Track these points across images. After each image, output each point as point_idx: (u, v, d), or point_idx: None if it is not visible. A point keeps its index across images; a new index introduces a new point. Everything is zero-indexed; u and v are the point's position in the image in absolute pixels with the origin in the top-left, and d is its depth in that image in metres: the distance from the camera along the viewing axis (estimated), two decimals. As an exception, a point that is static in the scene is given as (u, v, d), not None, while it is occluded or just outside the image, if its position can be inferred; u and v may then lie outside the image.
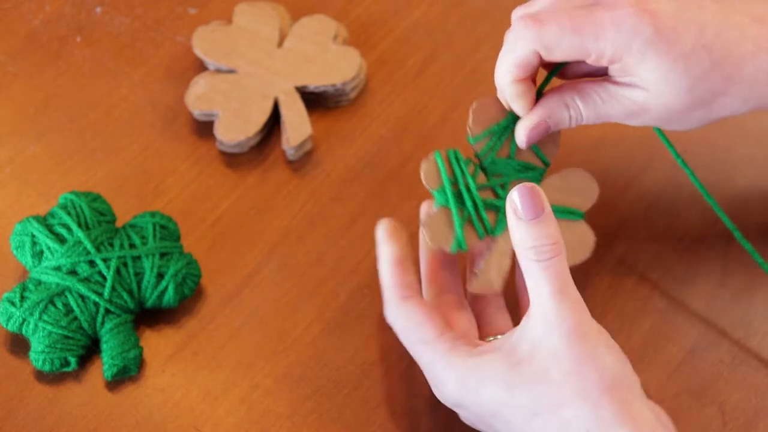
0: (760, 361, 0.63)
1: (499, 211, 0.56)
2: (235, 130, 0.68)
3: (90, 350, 0.62)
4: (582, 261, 0.58)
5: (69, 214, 0.63)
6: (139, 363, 0.62)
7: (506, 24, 0.76)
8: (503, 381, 0.51)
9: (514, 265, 0.59)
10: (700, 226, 0.68)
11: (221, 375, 0.62)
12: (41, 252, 0.62)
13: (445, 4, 0.77)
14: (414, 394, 0.62)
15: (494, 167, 0.56)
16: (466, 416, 0.56)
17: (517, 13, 0.57)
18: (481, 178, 0.56)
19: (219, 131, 0.68)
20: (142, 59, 0.74)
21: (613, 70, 0.55)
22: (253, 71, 0.71)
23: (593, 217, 0.61)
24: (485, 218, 0.56)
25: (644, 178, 0.70)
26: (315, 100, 0.72)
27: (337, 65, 0.71)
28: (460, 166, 0.56)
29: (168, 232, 0.64)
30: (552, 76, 0.58)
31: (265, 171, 0.70)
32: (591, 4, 0.54)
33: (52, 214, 0.63)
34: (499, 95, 0.58)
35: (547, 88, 0.58)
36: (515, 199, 0.52)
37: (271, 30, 0.72)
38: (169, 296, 0.62)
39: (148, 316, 0.64)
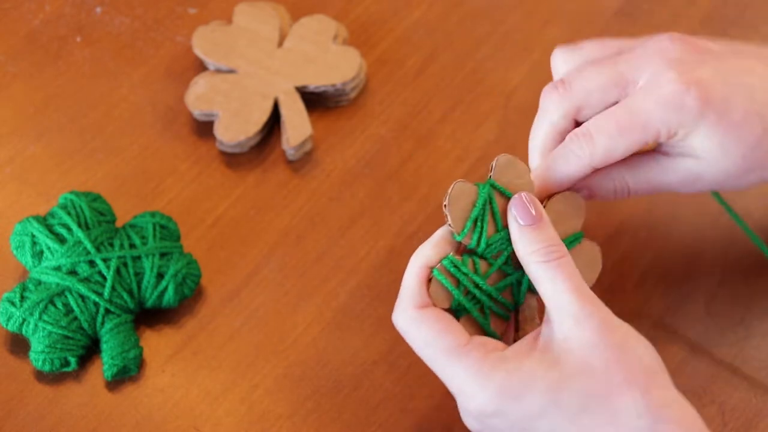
0: (760, 361, 0.63)
1: (513, 286, 0.55)
2: (235, 130, 0.68)
3: (90, 350, 0.62)
4: (597, 277, 0.57)
5: (69, 214, 0.63)
6: (139, 363, 0.62)
7: (506, 24, 0.76)
8: (547, 382, 0.50)
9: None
10: (700, 226, 0.68)
11: (221, 375, 0.62)
12: (41, 252, 0.62)
13: (445, 4, 0.77)
14: (414, 394, 0.62)
15: (491, 249, 0.54)
16: (498, 424, 0.52)
17: (550, 98, 0.57)
18: (484, 265, 0.54)
19: (219, 131, 0.68)
20: (142, 59, 0.74)
21: (666, 144, 0.55)
22: (253, 71, 0.71)
23: (593, 219, 0.61)
24: (505, 302, 0.55)
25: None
26: (315, 100, 0.72)
27: (337, 65, 0.71)
28: (461, 270, 0.53)
29: (168, 232, 0.64)
30: None
31: (265, 171, 0.70)
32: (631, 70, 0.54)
33: (52, 214, 0.63)
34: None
35: None
36: (514, 208, 0.53)
37: (271, 30, 0.72)
38: (169, 296, 0.62)
39: (148, 316, 0.64)
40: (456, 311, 0.54)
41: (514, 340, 0.55)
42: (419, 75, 0.74)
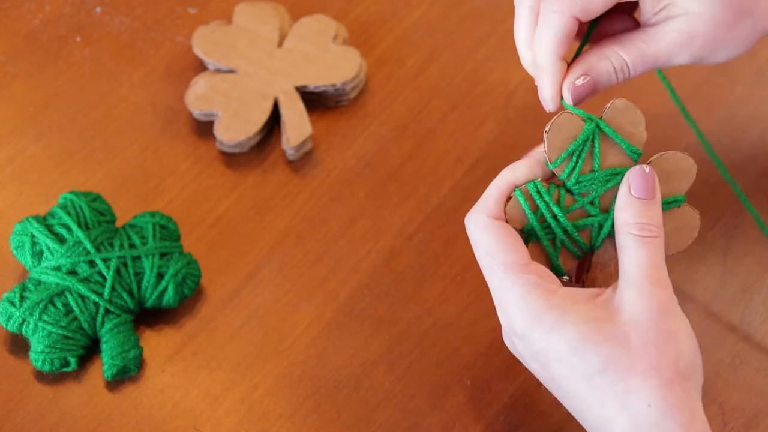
0: (760, 361, 0.63)
1: (593, 228, 0.55)
2: (235, 130, 0.68)
3: (90, 350, 0.62)
4: (691, 242, 0.56)
5: (69, 214, 0.63)
6: (139, 363, 0.62)
7: (506, 24, 0.76)
8: (581, 330, 0.50)
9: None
10: (700, 226, 0.68)
11: (221, 375, 0.62)
12: (41, 252, 0.62)
13: (445, 4, 0.77)
14: (414, 394, 0.62)
15: (580, 186, 0.54)
16: (520, 347, 0.53)
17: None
18: (569, 200, 0.54)
19: (219, 131, 0.68)
20: (142, 59, 0.74)
21: (646, 11, 0.54)
22: (253, 71, 0.71)
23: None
24: (579, 240, 0.55)
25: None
26: (315, 100, 0.72)
27: (337, 65, 0.71)
28: (543, 198, 0.54)
29: (168, 232, 0.64)
30: (585, 42, 0.57)
31: (265, 171, 0.70)
32: None
33: (52, 214, 0.63)
34: (536, 77, 0.56)
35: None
36: (632, 177, 0.53)
37: (271, 30, 0.72)
38: (169, 296, 0.62)
39: (148, 316, 0.64)
40: (527, 235, 0.54)
41: (582, 281, 0.56)
42: (419, 75, 0.74)
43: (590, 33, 0.57)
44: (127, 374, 0.61)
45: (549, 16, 0.53)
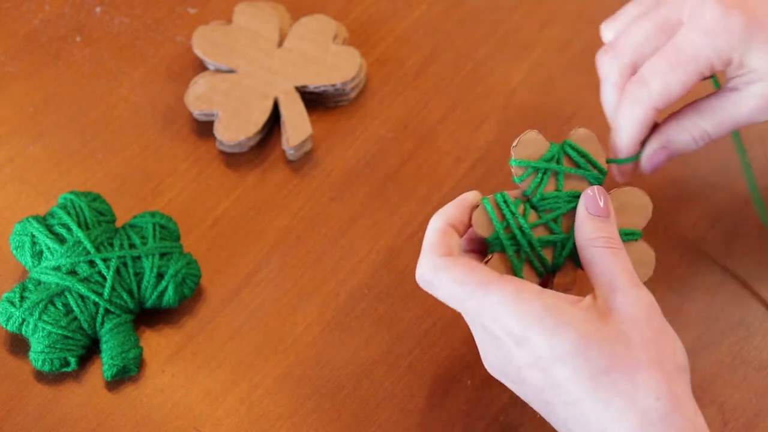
0: (760, 361, 0.63)
1: (556, 247, 0.55)
2: (235, 130, 0.68)
3: (90, 350, 0.62)
4: (646, 279, 0.56)
5: (69, 214, 0.63)
6: (139, 363, 0.62)
7: (506, 24, 0.76)
8: (583, 330, 0.50)
9: None
10: (700, 226, 0.68)
11: (221, 375, 0.62)
12: (41, 252, 0.62)
13: (445, 4, 0.77)
14: (414, 394, 0.62)
15: (544, 203, 0.55)
16: (517, 355, 0.52)
17: (605, 60, 0.57)
18: (533, 216, 0.55)
19: (219, 131, 0.68)
20: (142, 59, 0.74)
21: (728, 72, 0.55)
22: (253, 71, 0.71)
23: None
24: (543, 256, 0.55)
25: (645, 179, 0.69)
26: (315, 100, 0.72)
27: (337, 65, 0.71)
28: (509, 208, 0.54)
29: (168, 232, 0.64)
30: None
31: (265, 171, 0.70)
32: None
33: (51, 214, 0.63)
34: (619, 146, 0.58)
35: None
36: (586, 197, 0.54)
37: (271, 30, 0.72)
38: (169, 296, 0.62)
39: (148, 316, 0.64)
40: (491, 245, 0.54)
41: None
42: (419, 75, 0.74)
43: None
44: (127, 374, 0.61)
45: (630, 108, 0.55)
